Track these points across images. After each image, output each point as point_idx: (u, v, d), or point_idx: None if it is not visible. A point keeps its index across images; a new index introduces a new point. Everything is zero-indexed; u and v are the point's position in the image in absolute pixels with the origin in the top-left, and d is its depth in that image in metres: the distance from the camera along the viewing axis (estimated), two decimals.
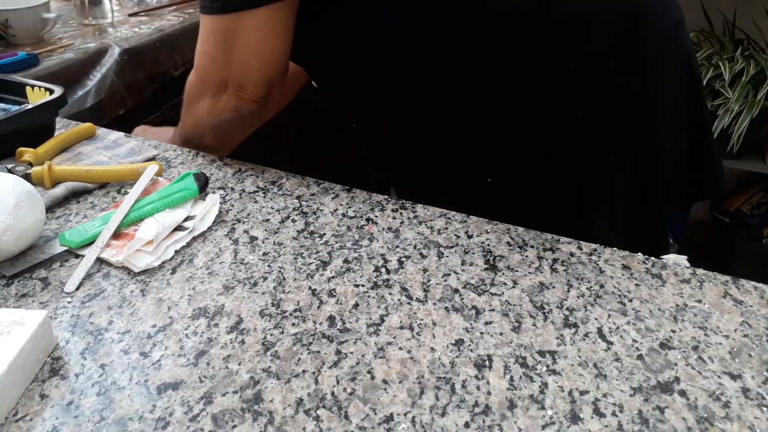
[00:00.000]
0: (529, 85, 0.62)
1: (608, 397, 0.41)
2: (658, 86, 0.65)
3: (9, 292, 0.52)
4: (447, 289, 0.51)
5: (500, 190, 0.67)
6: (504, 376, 0.43)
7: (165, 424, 0.40)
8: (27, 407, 0.41)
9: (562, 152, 0.64)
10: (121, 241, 0.56)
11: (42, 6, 1.13)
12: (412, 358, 0.44)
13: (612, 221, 0.68)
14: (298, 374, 0.43)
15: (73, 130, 0.75)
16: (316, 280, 0.52)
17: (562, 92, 0.63)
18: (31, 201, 0.54)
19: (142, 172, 0.66)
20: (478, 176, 0.67)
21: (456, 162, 0.68)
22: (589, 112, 0.63)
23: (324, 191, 0.65)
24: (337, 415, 0.40)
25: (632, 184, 0.67)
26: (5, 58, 1.00)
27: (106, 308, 0.50)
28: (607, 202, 0.67)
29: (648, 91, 0.65)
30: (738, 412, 0.40)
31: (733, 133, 1.59)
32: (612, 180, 0.66)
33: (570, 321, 0.47)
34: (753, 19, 1.71)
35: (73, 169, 0.66)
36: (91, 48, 1.11)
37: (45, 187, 0.65)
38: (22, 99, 0.76)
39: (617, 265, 0.53)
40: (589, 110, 0.63)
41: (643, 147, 0.66)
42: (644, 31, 0.63)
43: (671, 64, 0.66)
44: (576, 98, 0.63)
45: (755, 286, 0.50)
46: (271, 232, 0.58)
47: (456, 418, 0.40)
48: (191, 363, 0.44)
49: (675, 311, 0.48)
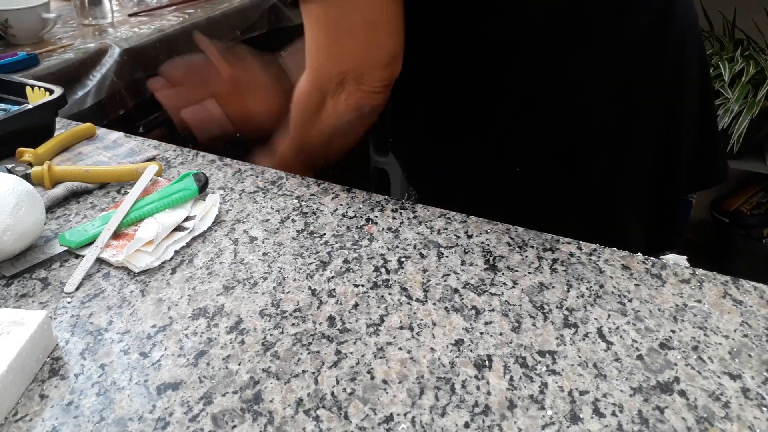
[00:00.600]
0: (568, 73, 0.63)
1: (608, 397, 0.41)
2: (683, 75, 0.67)
3: (9, 292, 0.52)
4: (447, 289, 0.51)
5: (529, 180, 0.67)
6: (504, 376, 0.43)
7: (165, 425, 0.40)
8: (27, 407, 0.41)
9: (593, 140, 0.65)
10: (121, 242, 0.57)
11: (42, 6, 1.13)
12: (411, 358, 0.44)
13: (636, 207, 0.69)
14: (298, 374, 0.43)
15: (73, 130, 0.75)
16: (316, 280, 0.52)
17: (600, 79, 0.63)
18: (31, 201, 0.54)
19: (142, 172, 0.66)
20: (507, 166, 0.67)
21: (485, 150, 0.68)
22: (623, 99, 0.64)
23: (324, 191, 0.65)
24: (337, 415, 0.40)
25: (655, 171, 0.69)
26: (5, 58, 1.00)
27: (105, 308, 0.50)
28: (631, 189, 0.68)
29: (675, 80, 0.67)
30: (738, 412, 0.40)
31: (733, 133, 1.59)
32: (637, 167, 0.68)
33: (570, 321, 0.47)
34: (753, 19, 1.71)
35: (73, 169, 0.66)
36: (91, 48, 1.11)
37: (45, 187, 0.65)
38: (22, 99, 0.76)
39: (617, 265, 0.53)
40: (623, 97, 0.64)
41: (668, 134, 0.68)
42: (673, 21, 0.65)
43: (692, 55, 0.69)
44: (612, 84, 0.63)
45: (755, 286, 0.50)
46: (271, 232, 0.58)
47: (456, 418, 0.40)
48: (191, 363, 0.44)
49: (675, 311, 0.48)
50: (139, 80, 1.16)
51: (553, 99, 0.64)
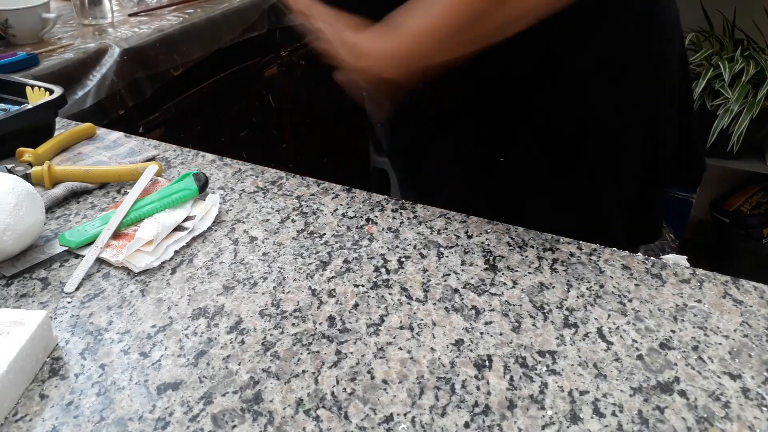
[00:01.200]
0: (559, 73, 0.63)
1: (608, 397, 0.41)
2: (665, 70, 0.68)
3: (9, 292, 0.52)
4: (447, 289, 0.51)
5: (514, 169, 0.67)
6: (504, 376, 0.43)
7: (165, 424, 0.40)
8: (27, 407, 0.41)
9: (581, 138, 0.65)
10: (121, 242, 0.57)
11: (42, 6, 1.13)
12: (412, 358, 0.44)
13: (620, 203, 0.69)
14: (298, 374, 0.43)
15: (73, 130, 0.75)
16: (316, 280, 0.52)
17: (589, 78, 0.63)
18: (31, 201, 0.54)
19: (142, 172, 0.66)
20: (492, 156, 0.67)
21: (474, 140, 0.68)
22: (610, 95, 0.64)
23: (324, 191, 0.65)
24: (337, 415, 0.40)
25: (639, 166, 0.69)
26: (5, 58, 1.00)
27: (105, 308, 0.50)
28: (617, 184, 0.68)
29: (659, 76, 0.67)
30: (738, 412, 0.40)
31: (732, 133, 1.59)
32: (623, 162, 0.68)
33: (570, 321, 0.47)
34: (753, 19, 1.71)
35: (73, 169, 0.66)
36: (91, 48, 1.11)
37: (45, 187, 0.65)
38: (22, 99, 0.76)
39: (617, 265, 0.53)
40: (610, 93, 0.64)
41: (651, 128, 0.68)
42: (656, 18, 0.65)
43: (674, 51, 0.69)
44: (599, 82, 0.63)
45: (755, 286, 0.50)
46: (271, 232, 0.58)
47: (456, 418, 0.40)
48: (191, 363, 0.44)
49: (675, 311, 0.48)
50: (139, 80, 1.17)
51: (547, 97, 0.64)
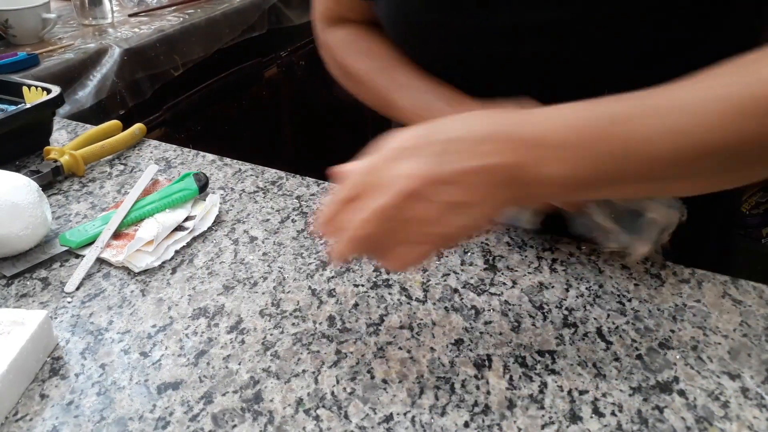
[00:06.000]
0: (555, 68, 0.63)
1: (607, 397, 0.41)
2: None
3: (9, 292, 0.52)
4: (446, 289, 0.51)
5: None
6: (503, 375, 0.43)
7: (165, 424, 0.40)
8: (27, 407, 0.41)
9: None
10: (122, 241, 0.57)
11: (42, 6, 1.13)
12: (411, 357, 0.44)
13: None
14: (298, 374, 0.43)
15: (100, 128, 0.76)
16: (316, 280, 0.52)
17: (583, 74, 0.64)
18: (41, 200, 0.56)
19: (133, 132, 0.73)
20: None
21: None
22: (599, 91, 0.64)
23: (324, 191, 0.65)
24: (336, 414, 0.40)
25: None
26: (5, 58, 1.00)
27: (106, 308, 0.50)
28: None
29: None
30: (737, 411, 0.40)
31: None
32: None
33: (569, 321, 0.47)
34: None
35: (93, 148, 0.71)
36: (91, 48, 1.11)
37: (78, 174, 0.68)
38: (19, 99, 0.76)
39: (616, 265, 0.53)
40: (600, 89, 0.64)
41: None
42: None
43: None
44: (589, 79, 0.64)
45: (754, 286, 0.50)
46: (271, 232, 0.58)
47: (456, 417, 0.40)
48: (191, 363, 0.44)
49: (674, 311, 0.48)
50: (139, 80, 1.17)
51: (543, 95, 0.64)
